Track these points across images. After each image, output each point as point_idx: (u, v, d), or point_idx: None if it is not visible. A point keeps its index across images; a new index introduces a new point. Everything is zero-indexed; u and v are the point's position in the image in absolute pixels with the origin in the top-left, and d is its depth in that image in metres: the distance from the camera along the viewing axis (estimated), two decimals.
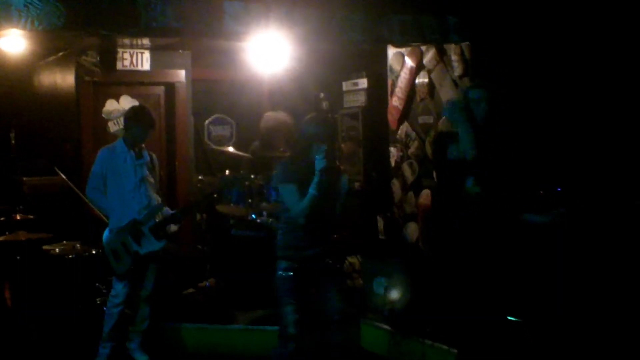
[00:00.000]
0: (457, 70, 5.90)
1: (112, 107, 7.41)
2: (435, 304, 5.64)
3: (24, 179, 6.98)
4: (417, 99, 6.38)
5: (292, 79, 7.85)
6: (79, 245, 6.02)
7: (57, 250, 5.98)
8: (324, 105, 7.75)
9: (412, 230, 6.45)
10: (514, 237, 5.01)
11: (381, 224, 6.93)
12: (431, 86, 6.21)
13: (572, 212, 4.91)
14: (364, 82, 7.28)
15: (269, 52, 6.21)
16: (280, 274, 4.74)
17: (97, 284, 6.25)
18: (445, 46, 5.99)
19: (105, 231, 5.62)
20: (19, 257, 6.20)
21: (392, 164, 6.72)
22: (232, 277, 6.71)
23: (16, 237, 6.06)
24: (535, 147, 5.36)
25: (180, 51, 7.59)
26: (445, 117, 5.95)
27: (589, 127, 5.35)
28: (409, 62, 6.43)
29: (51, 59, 7.32)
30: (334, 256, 4.94)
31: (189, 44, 7.36)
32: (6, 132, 7.26)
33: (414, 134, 6.45)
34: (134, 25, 4.67)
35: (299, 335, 4.66)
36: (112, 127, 7.37)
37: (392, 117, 6.68)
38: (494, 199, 5.11)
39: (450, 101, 5.77)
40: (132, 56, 7.35)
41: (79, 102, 7.16)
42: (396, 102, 6.61)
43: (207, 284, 6.81)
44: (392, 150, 6.71)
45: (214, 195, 6.47)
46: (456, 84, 5.91)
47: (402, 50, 6.49)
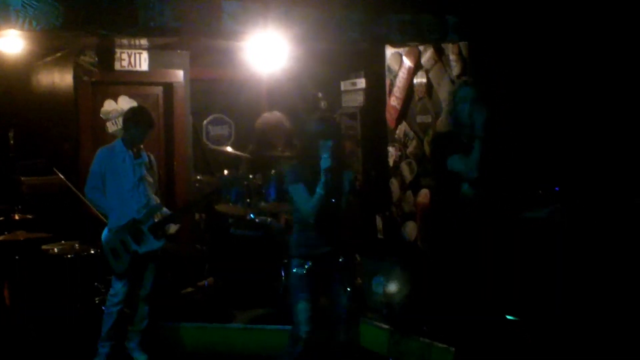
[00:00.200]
0: (455, 69, 5.91)
1: (111, 107, 7.40)
2: (434, 302, 5.64)
3: (23, 178, 6.97)
4: (416, 98, 6.39)
5: (290, 79, 7.84)
6: (77, 244, 6.04)
7: (56, 249, 5.99)
8: (322, 104, 7.74)
9: (410, 229, 6.46)
10: (512, 236, 5.01)
11: (380, 223, 6.94)
12: (429, 86, 6.23)
13: (571, 211, 4.91)
14: (362, 82, 7.26)
15: (268, 52, 6.21)
16: (294, 271, 4.78)
17: (96, 284, 6.25)
18: (443, 46, 6.00)
19: (104, 230, 5.63)
20: (17, 257, 6.21)
21: (391, 163, 6.73)
22: (230, 276, 6.71)
23: (15, 236, 6.06)
24: (534, 146, 5.37)
25: (178, 51, 7.58)
26: (443, 116, 5.96)
27: (588, 126, 5.35)
28: (407, 62, 6.44)
29: (49, 59, 7.30)
30: (346, 254, 4.97)
31: (187, 44, 7.35)
32: (5, 132, 7.23)
33: (412, 134, 6.46)
34: (133, 25, 4.67)
35: (311, 332, 4.68)
36: (110, 127, 7.36)
37: (391, 116, 6.69)
38: (492, 198, 5.11)
39: (449, 101, 5.78)
40: (130, 56, 7.34)
41: (78, 102, 7.15)
42: (394, 101, 6.62)
43: (206, 283, 6.81)
44: (391, 149, 6.72)
45: (213, 194, 6.47)
46: (454, 84, 5.92)
47: (400, 50, 6.50)
